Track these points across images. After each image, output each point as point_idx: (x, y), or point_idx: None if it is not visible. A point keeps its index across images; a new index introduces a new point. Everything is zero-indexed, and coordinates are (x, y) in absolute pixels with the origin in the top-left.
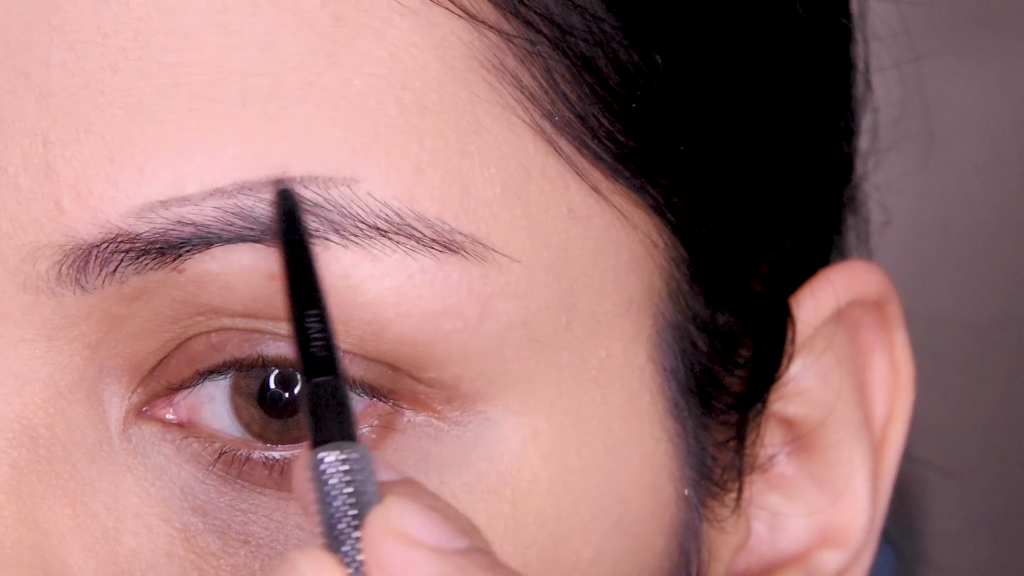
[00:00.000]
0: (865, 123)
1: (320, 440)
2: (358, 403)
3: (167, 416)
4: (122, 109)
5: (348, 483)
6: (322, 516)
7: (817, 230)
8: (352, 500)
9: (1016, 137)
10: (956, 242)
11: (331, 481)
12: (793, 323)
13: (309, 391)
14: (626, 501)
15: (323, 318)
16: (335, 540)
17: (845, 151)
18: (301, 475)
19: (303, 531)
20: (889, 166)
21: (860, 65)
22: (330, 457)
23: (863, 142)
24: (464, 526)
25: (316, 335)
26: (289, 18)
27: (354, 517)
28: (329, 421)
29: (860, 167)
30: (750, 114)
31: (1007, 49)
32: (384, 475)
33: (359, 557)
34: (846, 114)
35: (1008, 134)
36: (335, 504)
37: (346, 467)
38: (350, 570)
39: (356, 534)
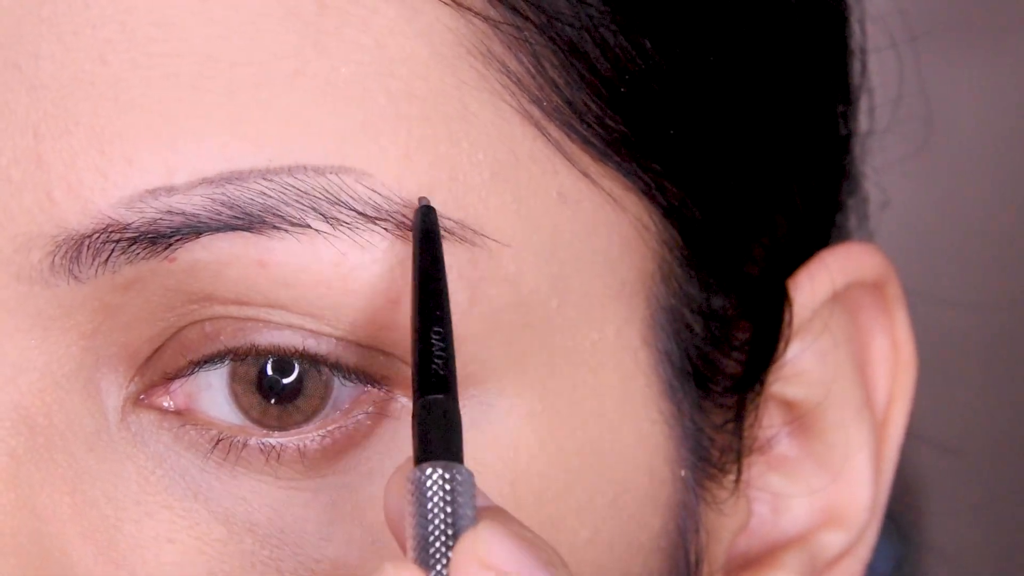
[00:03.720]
0: (862, 105)
1: (426, 456)
2: (351, 391)
3: (165, 404)
4: (111, 101)
5: (448, 503)
6: (418, 532)
7: (814, 213)
8: (450, 520)
9: (1015, 119)
10: (957, 223)
11: (433, 499)
12: (790, 306)
13: (421, 406)
14: (621, 482)
15: (447, 337)
16: (428, 557)
17: (840, 133)
18: (399, 487)
19: (308, 522)
20: (888, 148)
21: (857, 47)
22: (435, 474)
23: (861, 124)
24: (551, 558)
25: (438, 352)
26: (275, 7)
27: (449, 537)
28: (437, 438)
29: (859, 149)
30: (742, 98)
31: (1005, 31)
32: (481, 502)
33: None
34: (841, 96)
35: (1007, 116)
36: (434, 522)
37: (448, 487)
38: None
39: (450, 554)
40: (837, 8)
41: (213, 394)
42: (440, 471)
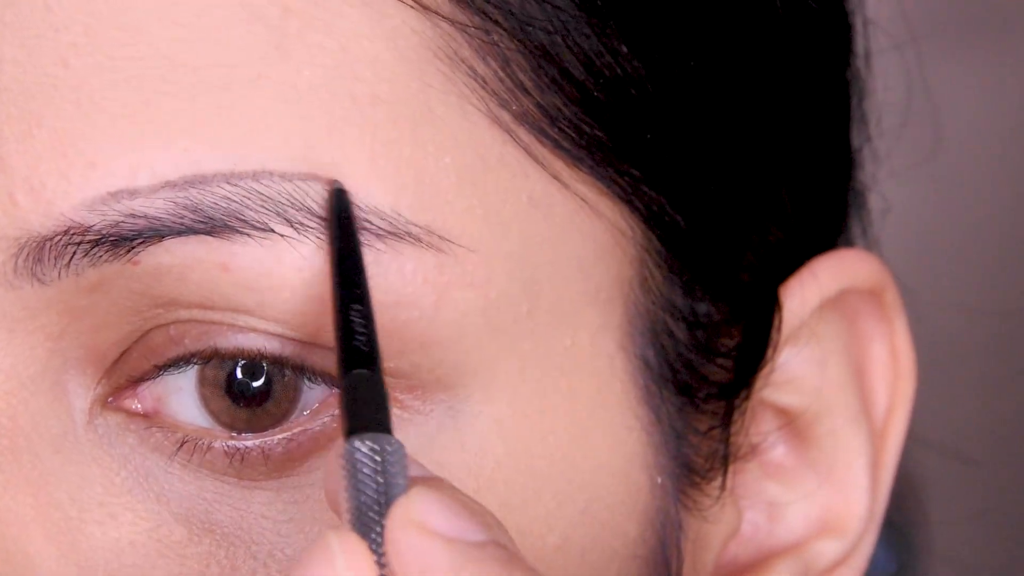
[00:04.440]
0: (863, 110)
1: (355, 429)
2: (319, 393)
3: (134, 407)
4: (73, 104)
5: (380, 473)
6: (352, 503)
7: (809, 220)
8: (382, 490)
9: (1016, 122)
10: (959, 228)
11: (364, 470)
12: (780, 312)
13: (347, 382)
14: (594, 489)
15: (367, 313)
16: (364, 527)
17: (836, 140)
18: (334, 463)
19: (267, 519)
20: (892, 156)
21: (860, 54)
22: (364, 447)
23: (864, 132)
24: (486, 520)
25: (360, 329)
26: (239, 11)
27: (383, 506)
28: (366, 412)
29: (862, 157)
30: (725, 103)
31: (1010, 40)
32: (415, 471)
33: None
34: (834, 103)
35: (1008, 119)
36: (367, 492)
37: (379, 457)
38: (377, 557)
39: (384, 522)
40: (832, 12)
41: (182, 397)
42: (369, 443)
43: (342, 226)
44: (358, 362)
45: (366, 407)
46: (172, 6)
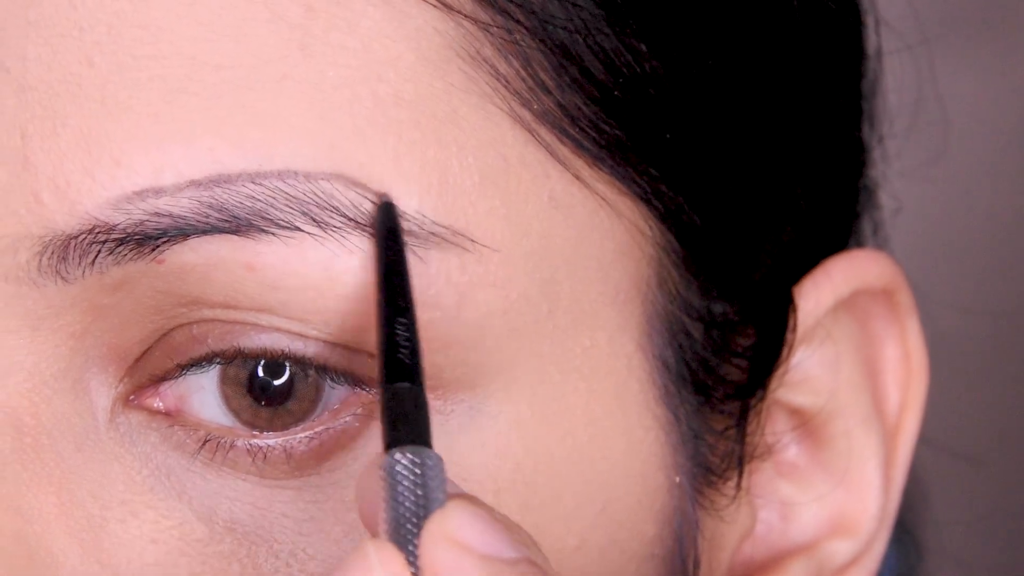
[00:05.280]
0: (874, 110)
1: (395, 442)
2: (342, 392)
3: (155, 405)
4: (98, 103)
5: (419, 486)
6: (391, 515)
7: (822, 220)
8: (421, 503)
9: None
10: (970, 228)
11: (403, 483)
12: (795, 312)
13: (389, 395)
14: (612, 489)
15: (412, 327)
16: (401, 539)
17: (849, 140)
18: (372, 474)
19: (288, 518)
20: (902, 156)
21: (871, 54)
22: (405, 459)
23: (876, 132)
24: (521, 538)
25: (404, 342)
26: (261, 10)
27: (420, 519)
28: (407, 425)
29: (873, 156)
30: (742, 102)
31: (1020, 41)
32: (454, 488)
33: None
34: (849, 102)
35: (1021, 124)
36: (405, 504)
37: (419, 471)
38: (413, 569)
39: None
40: (847, 12)
41: (204, 396)
42: (410, 456)
43: (390, 240)
44: (400, 375)
45: (407, 420)
46: (194, 5)
